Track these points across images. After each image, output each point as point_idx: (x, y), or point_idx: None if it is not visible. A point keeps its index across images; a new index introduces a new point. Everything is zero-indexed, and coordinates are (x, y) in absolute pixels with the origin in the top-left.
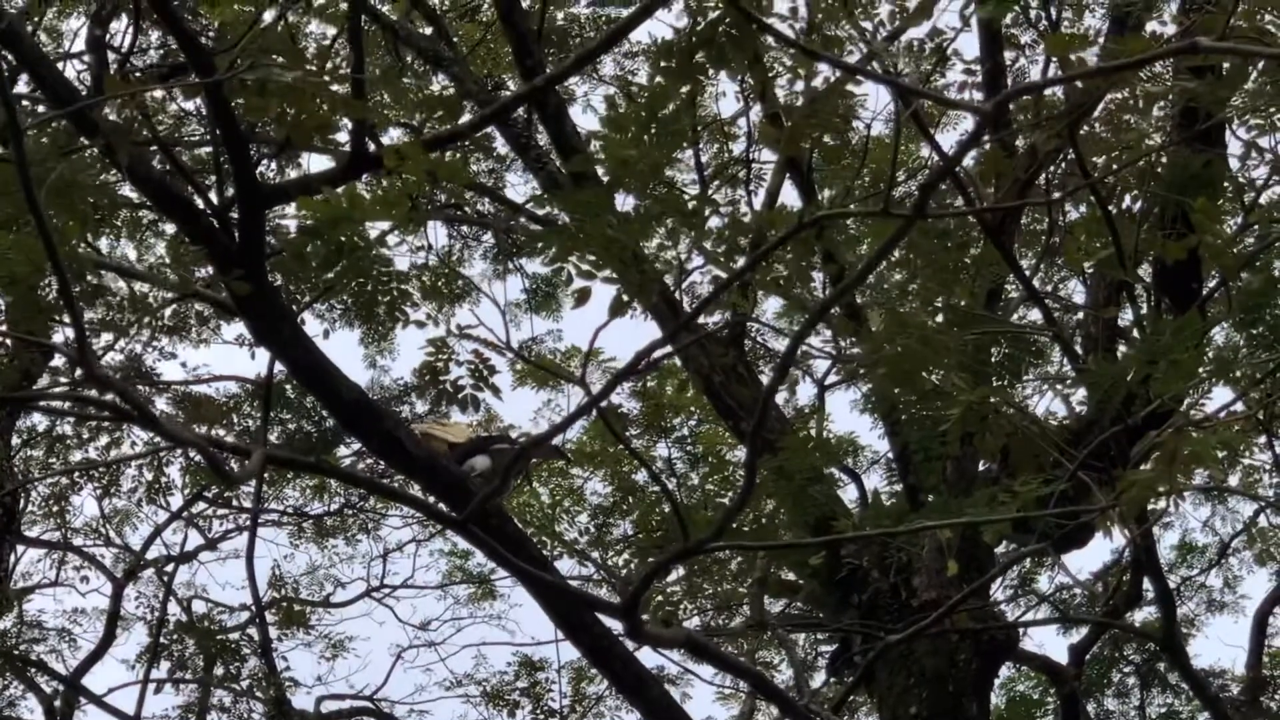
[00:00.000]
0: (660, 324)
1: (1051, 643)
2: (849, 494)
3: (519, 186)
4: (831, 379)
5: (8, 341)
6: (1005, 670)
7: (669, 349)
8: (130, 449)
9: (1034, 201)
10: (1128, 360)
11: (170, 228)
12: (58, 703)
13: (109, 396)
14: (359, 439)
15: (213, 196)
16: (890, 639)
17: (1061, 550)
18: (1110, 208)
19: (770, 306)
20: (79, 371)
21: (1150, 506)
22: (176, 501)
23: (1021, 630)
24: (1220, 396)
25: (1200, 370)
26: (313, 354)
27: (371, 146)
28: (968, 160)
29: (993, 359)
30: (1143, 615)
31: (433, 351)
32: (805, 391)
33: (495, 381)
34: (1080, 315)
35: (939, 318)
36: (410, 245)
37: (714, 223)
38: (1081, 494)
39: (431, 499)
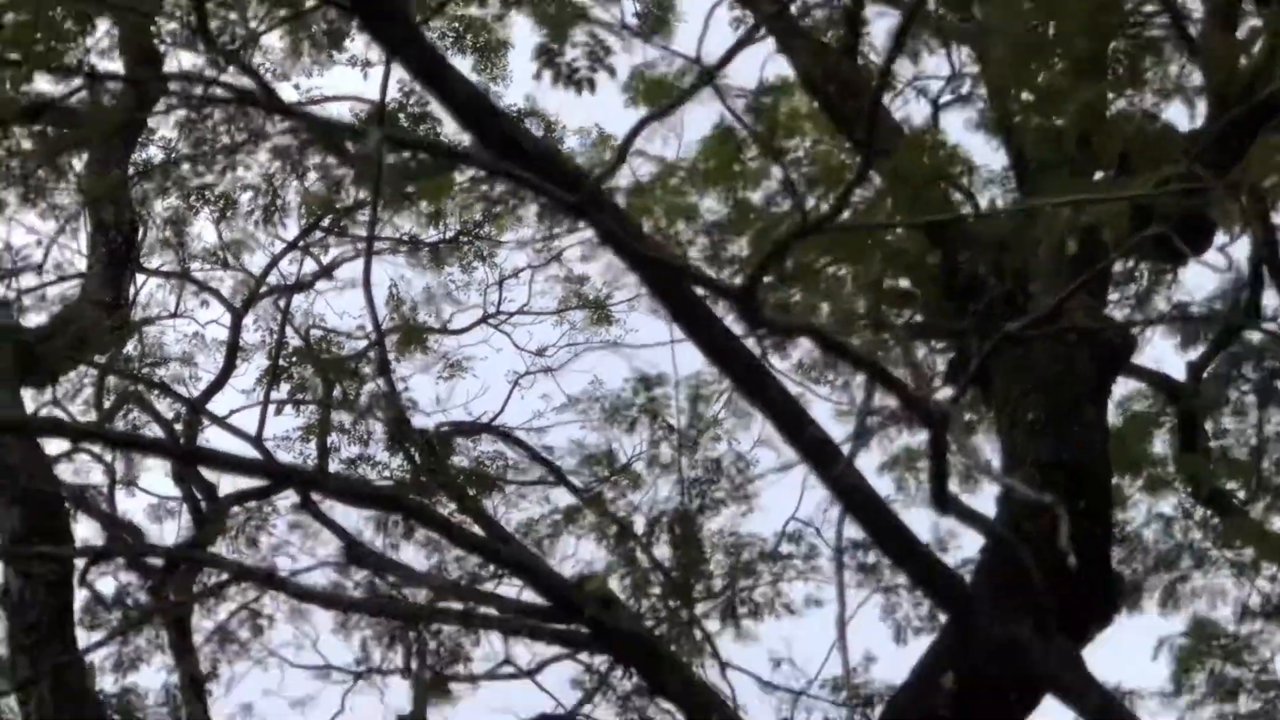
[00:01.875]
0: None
1: (1169, 360)
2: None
3: None
4: (946, 98)
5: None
6: (1121, 390)
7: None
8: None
9: None
10: (1252, 33)
11: None
12: (179, 426)
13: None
14: (478, 138)
15: None
16: (1009, 327)
17: (1181, 252)
18: None
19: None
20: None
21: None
22: (293, 231)
23: (1140, 338)
24: None
25: None
26: (429, 54)
27: None
28: None
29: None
30: (1261, 338)
31: (549, 32)
32: (919, 110)
33: (611, 65)
34: None
35: None
36: None
37: None
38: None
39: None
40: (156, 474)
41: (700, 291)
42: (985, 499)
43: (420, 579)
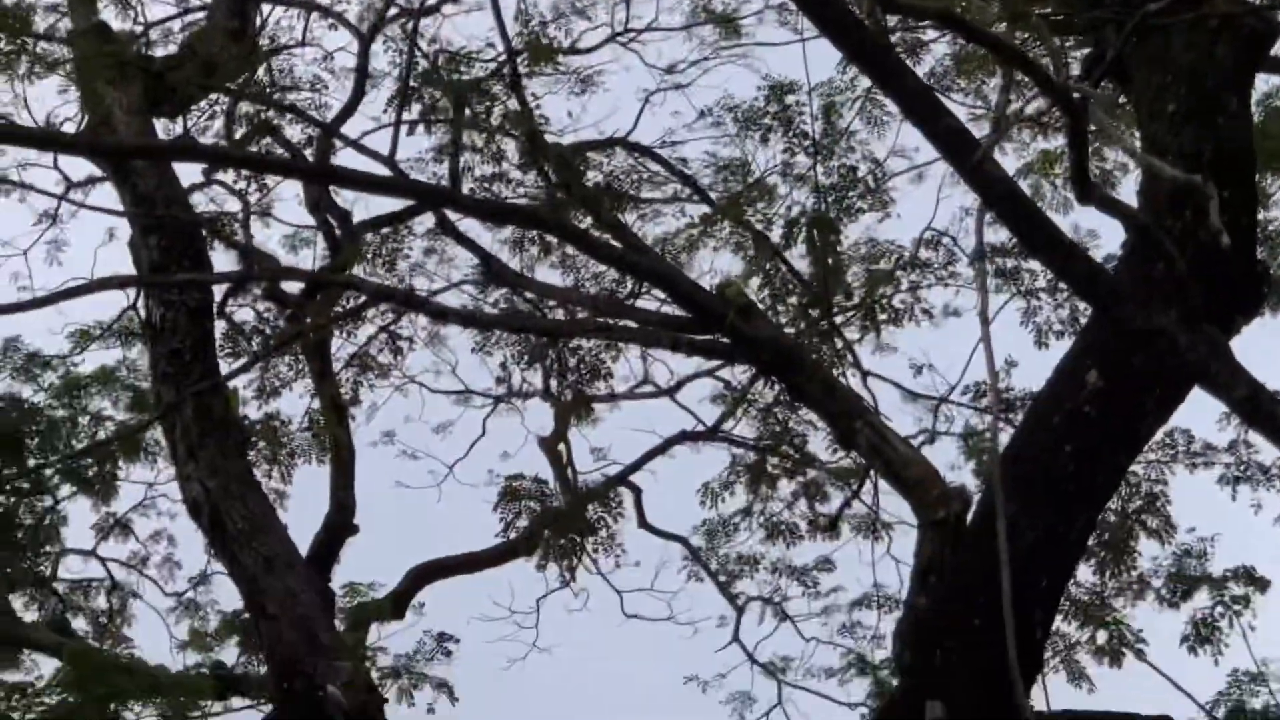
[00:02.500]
0: None
1: None
2: None
3: None
4: None
5: None
6: (1262, 85)
7: None
8: None
9: None
10: None
11: None
12: (312, 153)
13: None
14: None
15: None
16: (1149, 8)
17: None
18: None
19: None
20: None
21: None
22: None
23: None
24: None
25: None
26: None
27: None
28: None
29: None
30: None
31: None
32: None
33: None
34: None
35: None
36: None
37: None
38: None
39: None
40: (290, 204)
41: None
42: (1126, 195)
43: (558, 294)
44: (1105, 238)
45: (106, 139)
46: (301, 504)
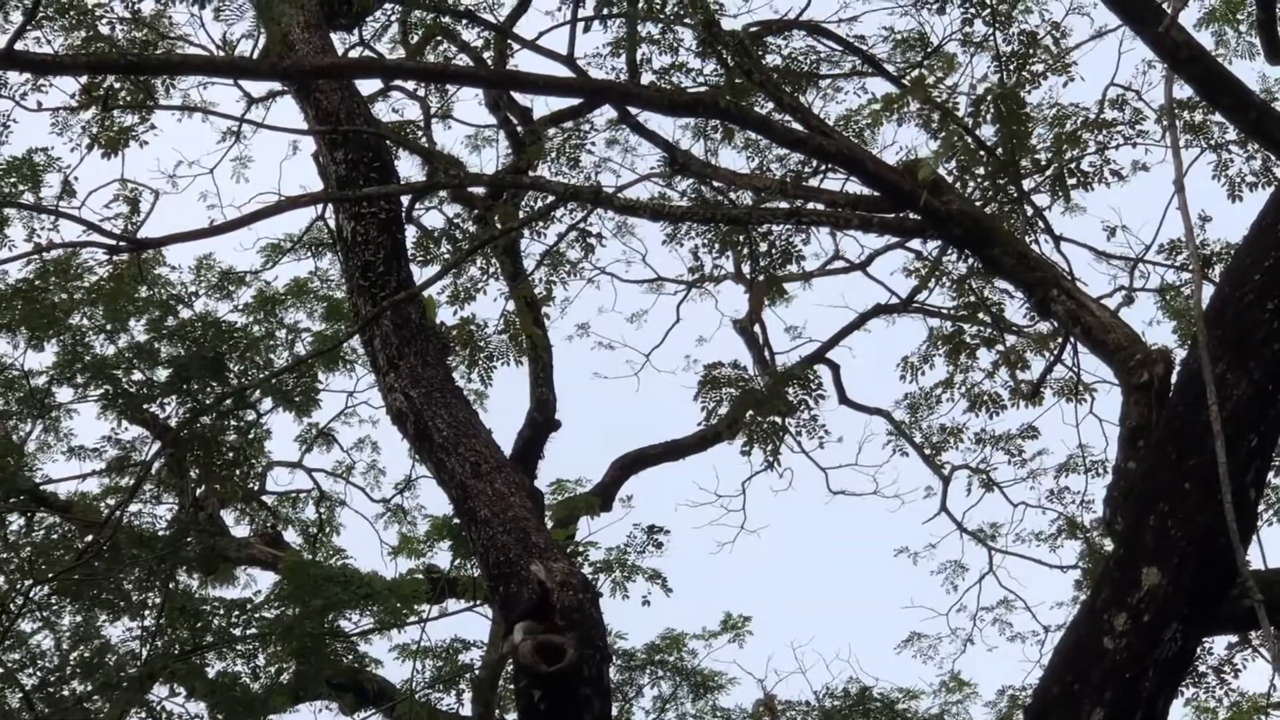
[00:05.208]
0: None
1: None
2: None
3: None
4: None
5: None
6: None
7: None
8: None
9: None
10: None
11: None
12: (488, 55)
13: None
14: None
15: None
16: None
17: None
18: None
19: None
20: None
21: None
22: None
23: None
24: None
25: None
26: None
27: None
28: None
29: None
30: None
31: None
32: None
33: None
34: None
35: None
36: None
37: None
38: None
39: None
40: (470, 105)
41: None
42: None
43: (745, 181)
44: None
45: (288, 62)
46: (502, 404)
